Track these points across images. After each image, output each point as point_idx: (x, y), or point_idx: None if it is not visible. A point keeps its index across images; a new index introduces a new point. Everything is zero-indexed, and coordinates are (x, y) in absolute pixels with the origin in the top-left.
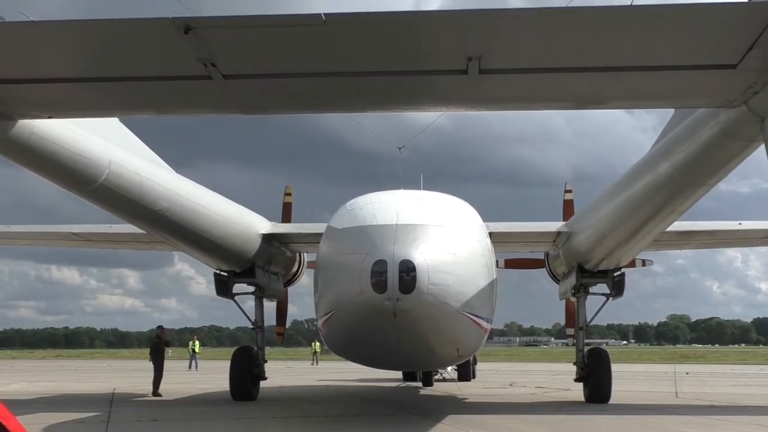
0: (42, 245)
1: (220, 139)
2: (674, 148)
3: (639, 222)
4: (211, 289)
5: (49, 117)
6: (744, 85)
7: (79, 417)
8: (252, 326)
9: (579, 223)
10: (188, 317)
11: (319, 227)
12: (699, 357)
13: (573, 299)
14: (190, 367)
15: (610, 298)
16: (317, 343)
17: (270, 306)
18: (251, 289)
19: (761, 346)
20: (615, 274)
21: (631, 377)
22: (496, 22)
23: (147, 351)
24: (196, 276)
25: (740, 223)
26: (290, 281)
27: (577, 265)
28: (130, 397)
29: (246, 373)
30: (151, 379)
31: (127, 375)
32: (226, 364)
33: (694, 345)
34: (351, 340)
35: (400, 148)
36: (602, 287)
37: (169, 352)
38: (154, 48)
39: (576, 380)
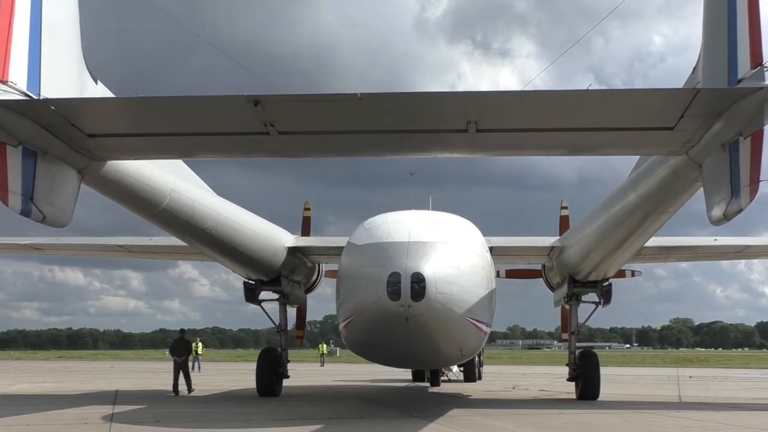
0: (89, 256)
1: None
2: (639, 182)
3: (617, 240)
4: (214, 291)
5: (135, 159)
6: (682, 141)
7: (82, 418)
8: (276, 330)
9: (569, 239)
10: (191, 319)
11: (337, 241)
12: (702, 361)
13: (567, 306)
14: (192, 368)
15: (600, 306)
16: (324, 345)
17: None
18: (275, 296)
19: (765, 350)
20: (603, 284)
21: (634, 381)
22: (487, 99)
23: (148, 352)
24: (199, 278)
25: (716, 239)
26: (310, 289)
27: (568, 276)
28: (133, 399)
29: (271, 372)
30: (153, 379)
31: (130, 376)
32: (228, 366)
33: (697, 349)
34: (368, 341)
35: (411, 174)
36: (593, 296)
37: (166, 353)
38: (230, 114)
39: (568, 380)
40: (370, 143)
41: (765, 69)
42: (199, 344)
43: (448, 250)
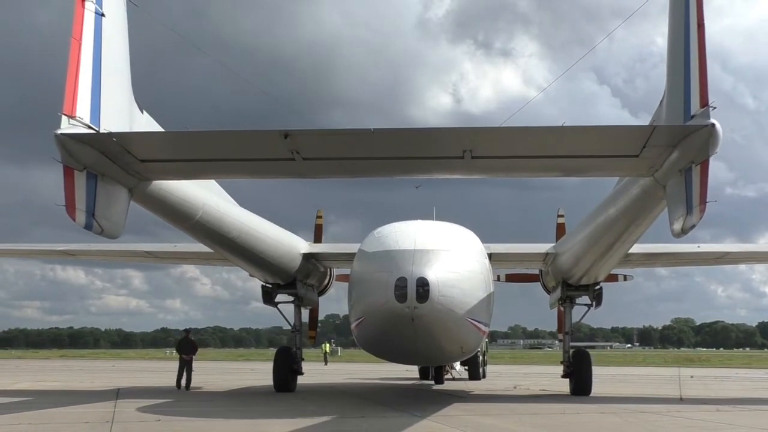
0: (118, 261)
1: None
2: (617, 198)
3: (602, 249)
4: (215, 290)
5: (176, 179)
6: (647, 166)
7: (83, 417)
8: (291, 330)
9: (562, 246)
10: (193, 318)
11: (348, 247)
12: (703, 361)
13: (561, 308)
14: None
15: (592, 308)
16: (327, 344)
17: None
18: (291, 298)
19: (766, 350)
20: (595, 287)
21: (636, 380)
22: (480, 133)
23: (150, 352)
24: (200, 277)
25: (699, 246)
26: (322, 292)
27: (562, 280)
28: (134, 398)
29: (287, 369)
30: (155, 378)
31: (131, 375)
32: (229, 366)
33: (698, 349)
34: (377, 340)
35: (417, 187)
36: (585, 299)
37: (168, 352)
38: (263, 145)
39: (563, 376)
40: (380, 167)
41: (711, 108)
42: None
43: (450, 257)
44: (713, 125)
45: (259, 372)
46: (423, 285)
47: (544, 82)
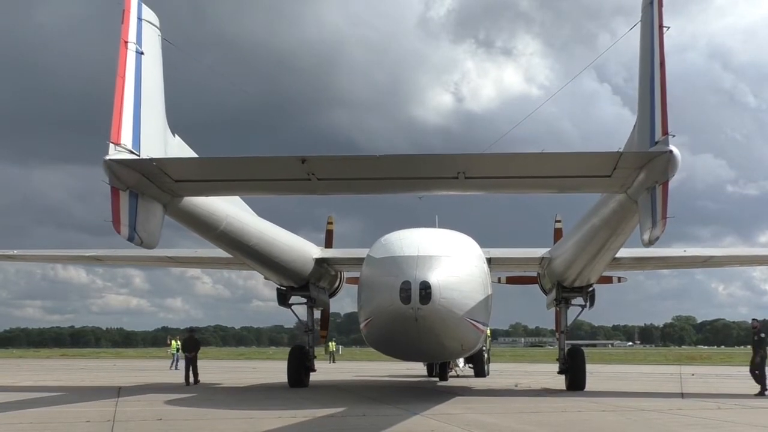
0: (140, 265)
1: (227, 139)
2: (599, 209)
3: (589, 254)
4: (216, 289)
5: (206, 196)
6: (619, 184)
7: (84, 416)
8: (304, 329)
9: (556, 251)
10: (194, 317)
11: (357, 252)
12: (705, 358)
13: (558, 309)
14: (171, 366)
15: (586, 308)
16: (333, 343)
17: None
18: (304, 300)
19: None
20: (588, 289)
21: (637, 378)
22: (472, 159)
23: (151, 351)
24: (201, 276)
25: (685, 250)
26: (333, 293)
27: (557, 282)
28: (136, 397)
29: (300, 367)
30: (156, 377)
31: (132, 374)
32: (230, 364)
33: (699, 346)
34: (384, 338)
35: (420, 197)
36: (579, 300)
37: (168, 351)
38: (282, 168)
39: (558, 373)
40: (385, 185)
41: (670, 136)
42: (179, 342)
43: (450, 262)
44: (671, 152)
45: (261, 370)
46: (425, 288)
47: (545, 80)
